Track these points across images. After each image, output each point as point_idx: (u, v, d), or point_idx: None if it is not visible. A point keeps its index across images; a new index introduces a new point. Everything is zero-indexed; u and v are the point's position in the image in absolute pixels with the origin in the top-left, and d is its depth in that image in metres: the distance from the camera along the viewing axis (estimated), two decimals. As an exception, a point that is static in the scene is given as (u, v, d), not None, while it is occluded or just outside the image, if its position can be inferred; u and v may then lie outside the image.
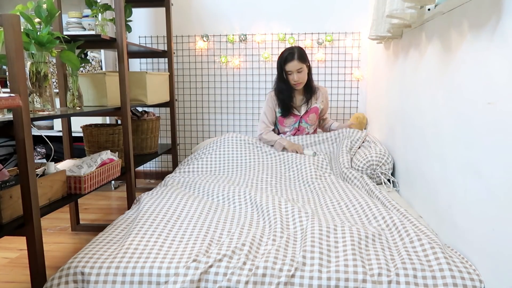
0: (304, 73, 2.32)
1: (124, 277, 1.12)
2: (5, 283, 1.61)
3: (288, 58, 2.29)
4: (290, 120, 2.48)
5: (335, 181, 2.00)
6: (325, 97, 2.54)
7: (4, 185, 1.19)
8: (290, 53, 2.30)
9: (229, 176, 2.16)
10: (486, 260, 1.11)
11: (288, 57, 2.29)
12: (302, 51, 2.32)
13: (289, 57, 2.29)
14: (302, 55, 2.30)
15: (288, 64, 2.29)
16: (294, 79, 2.31)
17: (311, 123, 2.51)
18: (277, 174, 2.13)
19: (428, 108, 1.59)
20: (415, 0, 1.38)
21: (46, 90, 1.48)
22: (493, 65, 1.10)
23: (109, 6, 2.08)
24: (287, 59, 2.29)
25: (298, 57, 2.27)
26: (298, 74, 2.30)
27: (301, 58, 2.28)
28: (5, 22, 1.11)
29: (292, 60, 2.28)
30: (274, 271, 1.12)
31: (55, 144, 2.85)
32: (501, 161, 1.04)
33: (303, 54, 2.31)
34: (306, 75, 2.35)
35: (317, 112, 2.50)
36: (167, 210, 1.61)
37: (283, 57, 2.32)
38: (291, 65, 2.28)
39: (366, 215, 1.60)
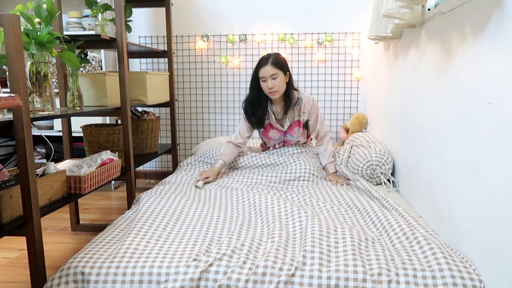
0: (279, 81, 2.04)
1: (124, 276, 1.12)
2: (5, 283, 1.61)
3: (262, 62, 2.06)
4: (274, 134, 2.25)
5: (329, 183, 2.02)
6: (312, 107, 2.20)
7: (4, 185, 1.19)
8: (265, 58, 2.07)
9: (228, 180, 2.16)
10: (486, 260, 1.11)
11: (262, 62, 2.06)
12: (279, 57, 2.09)
13: (263, 61, 2.06)
14: (278, 62, 2.05)
15: (261, 69, 2.05)
16: (268, 85, 2.04)
17: (297, 136, 2.27)
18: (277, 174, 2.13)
19: (428, 108, 1.59)
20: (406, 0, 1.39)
21: (46, 90, 1.48)
22: (493, 65, 1.10)
23: (109, 6, 2.08)
24: (261, 63, 2.07)
25: (272, 62, 2.03)
26: (272, 81, 2.03)
27: (276, 63, 2.03)
28: (5, 22, 1.11)
29: (266, 65, 2.03)
30: (274, 270, 1.12)
31: (55, 144, 2.85)
32: (501, 161, 1.04)
33: (279, 60, 2.07)
34: (283, 84, 2.07)
35: (300, 125, 2.23)
36: (167, 210, 1.61)
37: (258, 62, 2.10)
38: (264, 70, 2.03)
39: (364, 216, 1.60)
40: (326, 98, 3.00)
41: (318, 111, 2.23)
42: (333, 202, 1.76)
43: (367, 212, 1.60)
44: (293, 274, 1.11)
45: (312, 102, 2.20)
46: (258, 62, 2.09)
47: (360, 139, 2.43)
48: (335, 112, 3.01)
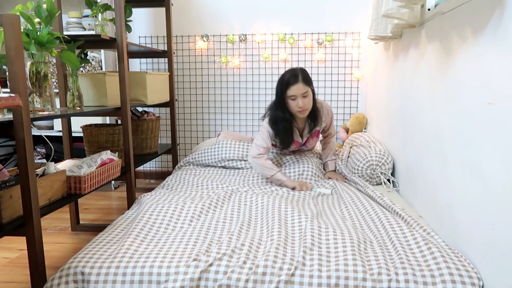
0: (309, 98, 1.93)
1: (124, 276, 1.12)
2: (5, 283, 1.61)
3: (290, 80, 1.90)
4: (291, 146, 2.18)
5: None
6: (329, 115, 2.15)
7: (4, 185, 1.19)
8: (293, 75, 1.91)
9: (229, 178, 2.16)
10: (486, 259, 1.11)
11: (291, 80, 1.90)
12: (306, 72, 1.95)
13: (291, 79, 1.90)
14: (307, 77, 1.93)
15: (291, 87, 1.89)
16: (299, 105, 1.90)
17: (310, 147, 2.26)
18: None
19: (428, 108, 1.59)
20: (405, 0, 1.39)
21: (46, 90, 1.48)
22: (493, 65, 1.10)
23: (109, 6, 2.08)
24: (289, 82, 1.90)
25: (303, 79, 1.89)
26: (303, 99, 1.90)
27: (306, 80, 1.91)
28: (5, 22, 1.11)
29: (296, 83, 1.89)
30: (274, 270, 1.12)
31: (55, 144, 2.85)
32: (501, 160, 1.04)
33: (307, 76, 1.94)
34: (311, 101, 1.95)
35: (318, 135, 2.22)
36: (167, 210, 1.61)
37: (285, 80, 1.93)
38: (296, 88, 1.89)
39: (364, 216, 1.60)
40: (326, 98, 3.00)
41: (332, 117, 2.19)
42: (333, 202, 1.76)
43: (368, 212, 1.60)
44: (293, 273, 1.11)
45: (330, 111, 2.16)
46: (285, 80, 1.93)
47: (360, 139, 2.43)
48: (335, 112, 3.01)
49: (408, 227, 1.41)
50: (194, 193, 1.85)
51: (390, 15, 1.67)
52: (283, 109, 1.98)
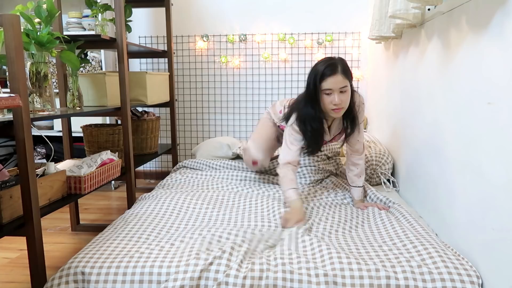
0: (347, 95, 1.59)
1: (125, 276, 1.12)
2: (5, 283, 1.61)
3: (327, 71, 1.54)
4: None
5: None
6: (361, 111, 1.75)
7: (4, 185, 1.19)
8: (331, 64, 1.55)
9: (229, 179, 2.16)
10: (486, 259, 1.11)
11: (328, 70, 1.54)
12: (346, 63, 1.60)
13: (328, 70, 1.54)
14: (347, 69, 1.58)
15: (327, 79, 1.54)
16: (335, 101, 1.55)
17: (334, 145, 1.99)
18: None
19: (428, 108, 1.59)
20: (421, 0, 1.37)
21: (46, 90, 1.48)
22: (493, 65, 1.10)
23: (109, 6, 2.08)
24: (325, 72, 1.54)
25: (342, 70, 1.55)
26: (340, 95, 1.55)
27: (346, 72, 1.56)
28: (5, 22, 1.11)
29: (334, 74, 1.53)
30: (271, 267, 1.12)
31: (55, 144, 2.85)
32: (501, 160, 1.04)
33: (348, 67, 1.60)
34: (349, 98, 1.61)
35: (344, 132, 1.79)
36: (166, 209, 1.61)
37: (320, 70, 1.56)
38: (333, 80, 1.54)
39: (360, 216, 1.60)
40: (326, 98, 3.00)
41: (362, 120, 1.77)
42: (332, 201, 1.76)
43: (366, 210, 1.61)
44: (292, 271, 1.11)
45: (362, 110, 1.73)
46: (320, 71, 1.56)
47: (360, 139, 2.43)
48: (335, 112, 3.01)
49: (407, 226, 1.41)
50: (194, 193, 1.85)
51: (397, 15, 1.66)
52: (314, 106, 1.62)
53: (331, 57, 1.60)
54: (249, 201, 1.73)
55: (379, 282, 1.07)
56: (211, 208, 1.66)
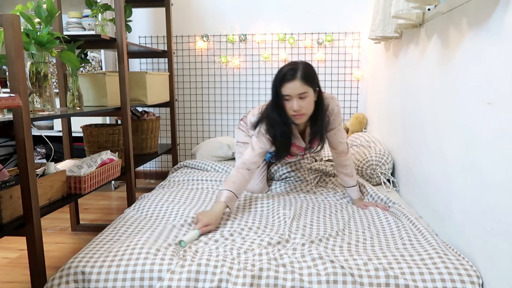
0: (309, 102, 1.53)
1: (125, 275, 1.12)
2: (5, 283, 1.61)
3: (287, 76, 1.50)
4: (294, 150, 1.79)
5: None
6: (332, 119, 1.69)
7: (4, 185, 1.19)
8: (291, 69, 1.51)
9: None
10: (486, 260, 1.11)
11: (287, 75, 1.50)
12: (309, 68, 1.55)
13: (288, 74, 1.50)
14: (309, 74, 1.52)
15: (285, 85, 1.50)
16: (294, 107, 1.51)
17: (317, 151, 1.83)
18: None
19: (428, 108, 1.59)
20: (419, 0, 1.37)
21: (46, 90, 1.48)
22: (493, 65, 1.10)
23: (109, 6, 2.08)
24: (285, 77, 1.51)
25: (302, 75, 1.49)
26: (299, 101, 1.51)
27: (306, 78, 1.50)
28: (5, 22, 1.11)
29: (293, 80, 1.49)
30: (271, 266, 1.12)
31: (55, 144, 2.85)
32: (501, 160, 1.04)
33: (310, 72, 1.53)
34: (311, 105, 1.55)
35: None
36: (166, 209, 1.61)
37: (279, 76, 1.53)
38: (290, 86, 1.50)
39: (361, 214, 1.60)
40: (326, 98, 3.00)
41: (340, 122, 1.73)
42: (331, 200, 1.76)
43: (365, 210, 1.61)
44: (293, 271, 1.11)
45: (336, 115, 1.69)
46: (281, 75, 1.53)
47: (360, 139, 2.43)
48: (335, 112, 3.01)
49: (408, 226, 1.41)
50: (194, 193, 1.86)
51: (400, 15, 1.66)
52: (279, 111, 1.58)
53: (294, 61, 1.57)
54: (249, 201, 1.73)
55: (379, 281, 1.07)
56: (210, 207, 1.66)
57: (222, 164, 2.28)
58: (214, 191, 1.90)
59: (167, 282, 1.09)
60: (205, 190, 1.90)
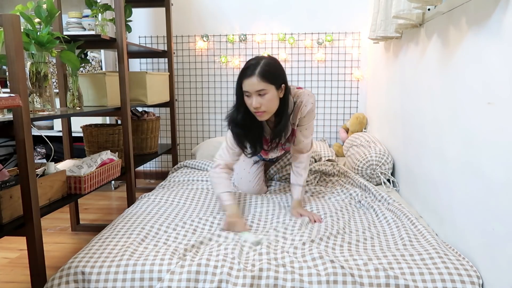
0: (269, 99, 1.47)
1: (125, 275, 1.12)
2: (5, 283, 1.61)
3: (246, 72, 1.47)
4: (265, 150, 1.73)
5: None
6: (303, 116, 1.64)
7: (4, 185, 1.19)
8: (250, 65, 1.47)
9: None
10: (486, 260, 1.11)
11: (247, 71, 1.47)
12: (272, 65, 1.50)
13: (248, 70, 1.47)
14: (269, 72, 1.46)
15: (244, 81, 1.47)
16: (253, 104, 1.47)
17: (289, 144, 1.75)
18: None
19: (428, 108, 1.59)
20: (421, 1, 1.37)
21: (46, 90, 1.48)
22: (493, 65, 1.10)
23: (109, 6, 2.08)
24: (244, 73, 1.48)
25: (261, 72, 1.44)
26: (258, 98, 1.46)
27: (265, 75, 1.44)
28: (5, 22, 1.11)
29: (251, 76, 1.45)
30: (271, 266, 1.12)
31: (55, 144, 2.85)
32: (501, 161, 1.04)
33: (272, 69, 1.48)
34: (274, 102, 1.49)
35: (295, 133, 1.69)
36: (166, 209, 1.61)
37: (242, 69, 1.50)
38: (249, 83, 1.45)
39: (360, 214, 1.60)
40: (326, 98, 3.00)
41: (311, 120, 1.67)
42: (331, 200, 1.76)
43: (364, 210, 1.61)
44: (292, 271, 1.11)
45: (308, 113, 1.63)
46: (242, 70, 1.50)
47: (360, 139, 2.43)
48: (335, 112, 3.01)
49: (408, 226, 1.41)
50: (193, 194, 1.85)
51: (400, 16, 1.65)
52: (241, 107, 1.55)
53: (258, 56, 1.52)
54: (249, 202, 1.73)
55: (379, 281, 1.07)
56: (211, 209, 1.66)
57: None
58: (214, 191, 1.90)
59: (167, 283, 1.09)
60: (205, 190, 1.90)
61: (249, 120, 1.56)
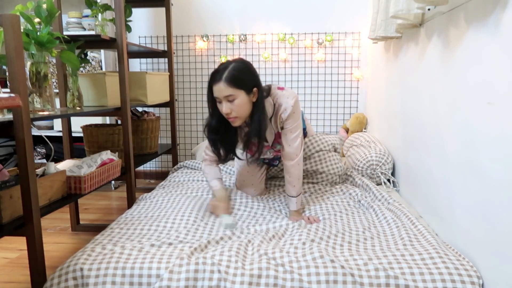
0: (239, 104, 1.44)
1: (124, 273, 1.12)
2: (5, 283, 1.61)
3: (214, 77, 1.47)
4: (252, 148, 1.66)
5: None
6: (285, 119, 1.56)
7: (4, 185, 1.19)
8: (217, 70, 1.47)
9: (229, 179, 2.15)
10: (486, 259, 1.11)
11: (215, 76, 1.46)
12: (239, 69, 1.46)
13: (216, 75, 1.46)
14: (236, 76, 1.43)
15: (213, 87, 1.48)
16: (223, 110, 1.46)
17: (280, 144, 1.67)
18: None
19: (428, 108, 1.59)
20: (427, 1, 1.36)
21: (46, 90, 1.48)
22: (493, 65, 1.10)
23: (109, 6, 2.08)
24: (212, 78, 1.48)
25: (227, 78, 1.42)
26: (227, 104, 1.45)
27: (232, 80, 1.42)
28: (5, 22, 1.11)
29: (218, 82, 1.44)
30: (270, 265, 1.12)
31: (55, 144, 2.85)
32: (501, 160, 1.04)
33: (239, 74, 1.44)
34: (245, 107, 1.46)
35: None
36: (167, 210, 1.61)
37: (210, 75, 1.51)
38: (216, 88, 1.46)
39: (360, 214, 1.60)
40: (326, 98, 3.00)
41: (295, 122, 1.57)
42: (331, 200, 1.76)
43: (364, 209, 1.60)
44: (292, 271, 1.11)
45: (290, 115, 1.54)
46: (211, 75, 1.49)
47: (360, 139, 2.43)
48: (335, 112, 3.01)
49: (408, 226, 1.41)
50: (193, 194, 1.86)
51: (398, 16, 1.65)
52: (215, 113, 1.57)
53: (228, 60, 1.50)
54: (249, 202, 1.73)
55: (379, 281, 1.07)
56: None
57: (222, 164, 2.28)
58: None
59: (166, 282, 1.09)
60: (205, 191, 1.90)
61: (224, 125, 1.55)
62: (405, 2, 1.59)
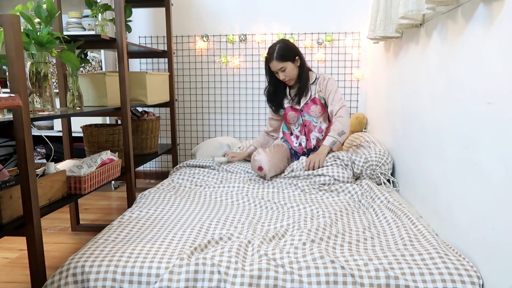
0: (289, 70, 2.13)
1: (124, 272, 1.13)
2: (5, 283, 1.61)
3: (268, 58, 2.14)
4: (292, 115, 2.25)
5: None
6: (328, 83, 2.21)
7: (4, 185, 1.19)
8: (270, 51, 2.14)
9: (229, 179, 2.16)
10: (486, 260, 1.11)
11: (269, 58, 2.14)
12: (284, 46, 2.12)
13: (269, 56, 2.13)
14: (283, 52, 2.11)
15: (270, 64, 2.15)
16: (280, 78, 2.16)
17: (315, 115, 2.21)
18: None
19: (428, 108, 1.59)
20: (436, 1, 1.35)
21: (46, 90, 1.48)
22: (493, 65, 1.10)
23: (109, 6, 2.08)
24: (268, 58, 2.14)
25: (277, 56, 2.10)
26: (282, 73, 2.14)
27: (280, 57, 2.10)
28: (5, 22, 1.11)
29: (272, 61, 2.12)
30: (270, 266, 1.12)
31: (55, 144, 2.85)
32: (501, 160, 1.04)
33: (284, 50, 2.11)
34: (294, 72, 2.16)
35: (317, 102, 2.20)
36: (168, 210, 1.61)
37: (267, 53, 2.16)
38: (272, 65, 2.13)
39: (360, 214, 1.60)
40: (326, 98, 3.00)
41: (335, 88, 2.19)
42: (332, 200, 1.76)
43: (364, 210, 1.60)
44: (292, 272, 1.11)
45: (328, 80, 2.20)
46: (266, 56, 2.15)
47: (360, 139, 2.43)
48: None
49: (408, 226, 1.41)
50: (193, 194, 1.86)
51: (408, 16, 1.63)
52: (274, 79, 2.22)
53: (274, 43, 2.15)
54: (249, 202, 1.73)
55: (379, 282, 1.07)
56: (211, 208, 1.66)
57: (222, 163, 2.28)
58: (214, 191, 1.90)
59: (166, 282, 1.09)
60: (205, 191, 1.90)
61: (276, 87, 2.27)
62: (415, 3, 1.57)
